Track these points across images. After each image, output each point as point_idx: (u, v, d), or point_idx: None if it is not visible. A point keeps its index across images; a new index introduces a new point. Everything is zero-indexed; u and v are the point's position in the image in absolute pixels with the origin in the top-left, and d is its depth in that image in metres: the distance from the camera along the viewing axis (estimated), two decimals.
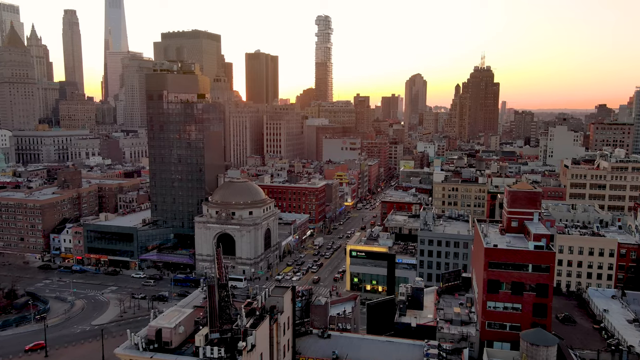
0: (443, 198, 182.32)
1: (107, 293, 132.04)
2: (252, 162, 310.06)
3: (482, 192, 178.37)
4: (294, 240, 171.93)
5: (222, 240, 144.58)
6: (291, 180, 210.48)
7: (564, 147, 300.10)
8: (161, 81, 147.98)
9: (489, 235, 78.69)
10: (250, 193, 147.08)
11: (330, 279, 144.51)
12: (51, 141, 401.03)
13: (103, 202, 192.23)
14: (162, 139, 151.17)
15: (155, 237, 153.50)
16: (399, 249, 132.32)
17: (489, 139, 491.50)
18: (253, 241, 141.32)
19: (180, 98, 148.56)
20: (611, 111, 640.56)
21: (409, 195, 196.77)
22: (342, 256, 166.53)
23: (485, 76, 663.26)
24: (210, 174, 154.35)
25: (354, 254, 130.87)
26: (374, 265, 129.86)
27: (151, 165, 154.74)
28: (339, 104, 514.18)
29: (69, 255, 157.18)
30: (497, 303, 71.92)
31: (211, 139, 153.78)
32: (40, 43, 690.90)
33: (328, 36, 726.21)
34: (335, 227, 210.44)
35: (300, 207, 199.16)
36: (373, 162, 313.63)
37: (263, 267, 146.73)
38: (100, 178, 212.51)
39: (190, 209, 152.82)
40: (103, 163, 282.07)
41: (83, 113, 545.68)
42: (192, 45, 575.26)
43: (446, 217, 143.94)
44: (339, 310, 79.38)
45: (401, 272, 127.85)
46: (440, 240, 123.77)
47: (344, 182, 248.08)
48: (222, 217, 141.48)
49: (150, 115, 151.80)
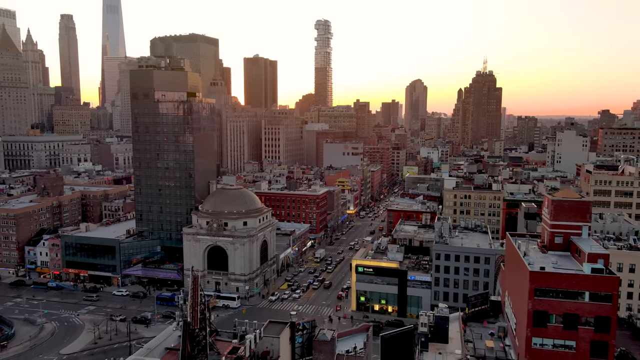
0: (454, 206, 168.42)
1: (83, 314, 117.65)
2: (249, 168, 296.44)
3: (497, 199, 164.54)
4: (293, 252, 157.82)
5: (213, 253, 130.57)
6: (290, 187, 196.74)
7: (573, 152, 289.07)
8: (147, 78, 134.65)
9: (528, 254, 64.94)
10: (244, 201, 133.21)
11: (333, 296, 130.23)
12: (42, 147, 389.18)
13: (87, 211, 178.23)
14: (148, 142, 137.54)
15: (140, 250, 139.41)
16: (410, 264, 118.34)
17: (493, 145, 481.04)
18: (248, 255, 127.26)
19: (168, 97, 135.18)
20: (614, 117, 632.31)
21: (416, 203, 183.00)
22: (345, 270, 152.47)
23: (487, 81, 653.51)
24: (202, 180, 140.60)
25: (360, 270, 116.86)
26: (383, 282, 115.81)
27: (136, 171, 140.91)
28: (339, 109, 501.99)
29: (46, 270, 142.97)
30: (544, 339, 58.10)
31: (202, 141, 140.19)
32: (35, 48, 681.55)
33: (328, 41, 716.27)
34: (337, 237, 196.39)
35: (300, 215, 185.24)
36: (376, 167, 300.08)
37: (259, 283, 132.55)
38: (86, 185, 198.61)
39: (178, 219, 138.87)
40: (92, 169, 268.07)
41: (77, 118, 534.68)
42: (189, 49, 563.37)
43: (462, 228, 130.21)
44: (347, 345, 65.33)
45: (414, 291, 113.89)
46: (458, 254, 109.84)
47: (346, 188, 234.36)
48: (213, 228, 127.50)
49: (135, 116, 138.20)
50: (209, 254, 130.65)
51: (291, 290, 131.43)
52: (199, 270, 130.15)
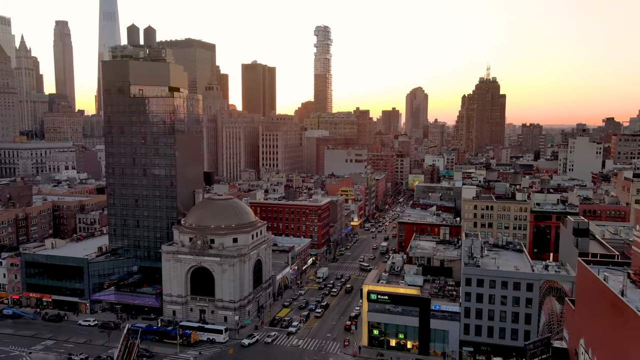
0: (474, 219, 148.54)
1: (37, 351, 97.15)
2: (246, 176, 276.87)
3: (524, 211, 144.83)
4: (292, 272, 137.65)
5: (197, 276, 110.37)
6: (289, 196, 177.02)
7: (586, 159, 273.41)
8: (122, 71, 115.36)
9: (626, 293, 45.47)
10: (235, 214, 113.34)
11: (340, 327, 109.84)
12: (28, 154, 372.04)
13: (61, 224, 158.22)
14: (123, 144, 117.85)
15: (113, 270, 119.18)
16: (433, 289, 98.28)
17: (500, 152, 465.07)
18: (238, 277, 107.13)
19: (146, 92, 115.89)
20: (619, 124, 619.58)
21: (430, 215, 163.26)
22: (352, 293, 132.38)
23: (491, 88, 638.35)
24: (186, 189, 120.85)
25: (373, 297, 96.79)
26: (401, 312, 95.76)
27: (109, 178, 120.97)
28: (339, 115, 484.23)
29: (3, 294, 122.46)
30: None
31: (187, 144, 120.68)
32: (29, 54, 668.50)
33: (327, 47, 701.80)
34: (341, 253, 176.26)
35: (299, 229, 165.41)
36: (380, 176, 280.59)
37: (252, 311, 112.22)
38: (62, 194, 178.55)
39: (158, 235, 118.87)
40: (75, 177, 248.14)
41: (69, 125, 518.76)
42: (185, 55, 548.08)
43: (490, 245, 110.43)
44: None
45: (438, 323, 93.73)
46: (493, 279, 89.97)
47: (350, 198, 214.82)
48: (197, 246, 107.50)
49: (108, 115, 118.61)
50: (192, 277, 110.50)
51: (288, 323, 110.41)
52: (181, 296, 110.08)
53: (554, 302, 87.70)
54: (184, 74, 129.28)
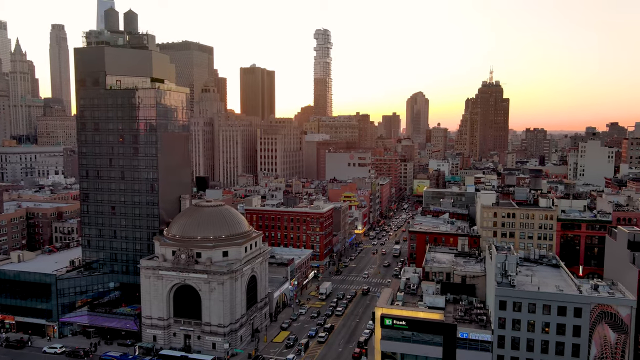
0: (494, 227, 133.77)
1: None
2: (243, 181, 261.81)
3: (550, 219, 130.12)
4: (292, 288, 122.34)
5: (181, 295, 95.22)
6: (288, 202, 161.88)
7: (597, 164, 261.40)
8: (97, 59, 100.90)
9: None
10: (225, 223, 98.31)
11: (347, 354, 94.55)
12: (17, 158, 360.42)
13: (36, 233, 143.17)
14: (98, 144, 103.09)
15: (86, 287, 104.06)
16: (457, 313, 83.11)
17: (506, 157, 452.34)
18: (228, 297, 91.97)
19: (125, 83, 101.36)
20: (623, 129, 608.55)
21: (443, 223, 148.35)
22: (359, 310, 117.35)
23: (494, 92, 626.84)
24: (170, 194, 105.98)
25: (388, 323, 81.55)
26: (421, 341, 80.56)
27: (82, 182, 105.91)
28: (340, 119, 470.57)
29: None
30: None
31: (171, 143, 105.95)
32: (24, 58, 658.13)
33: (327, 51, 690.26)
34: (345, 264, 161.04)
35: (299, 238, 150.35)
36: (384, 181, 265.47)
37: (245, 335, 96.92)
38: (39, 201, 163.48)
39: (138, 247, 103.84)
40: (61, 182, 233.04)
41: (63, 129, 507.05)
42: (182, 57, 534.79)
43: (521, 259, 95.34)
44: None
45: (467, 355, 78.19)
46: (533, 302, 74.93)
47: (353, 204, 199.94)
48: (181, 261, 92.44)
49: (81, 110, 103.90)
50: (175, 296, 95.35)
51: (286, 347, 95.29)
52: (162, 319, 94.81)
53: (608, 330, 72.82)
54: (171, 66, 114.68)
